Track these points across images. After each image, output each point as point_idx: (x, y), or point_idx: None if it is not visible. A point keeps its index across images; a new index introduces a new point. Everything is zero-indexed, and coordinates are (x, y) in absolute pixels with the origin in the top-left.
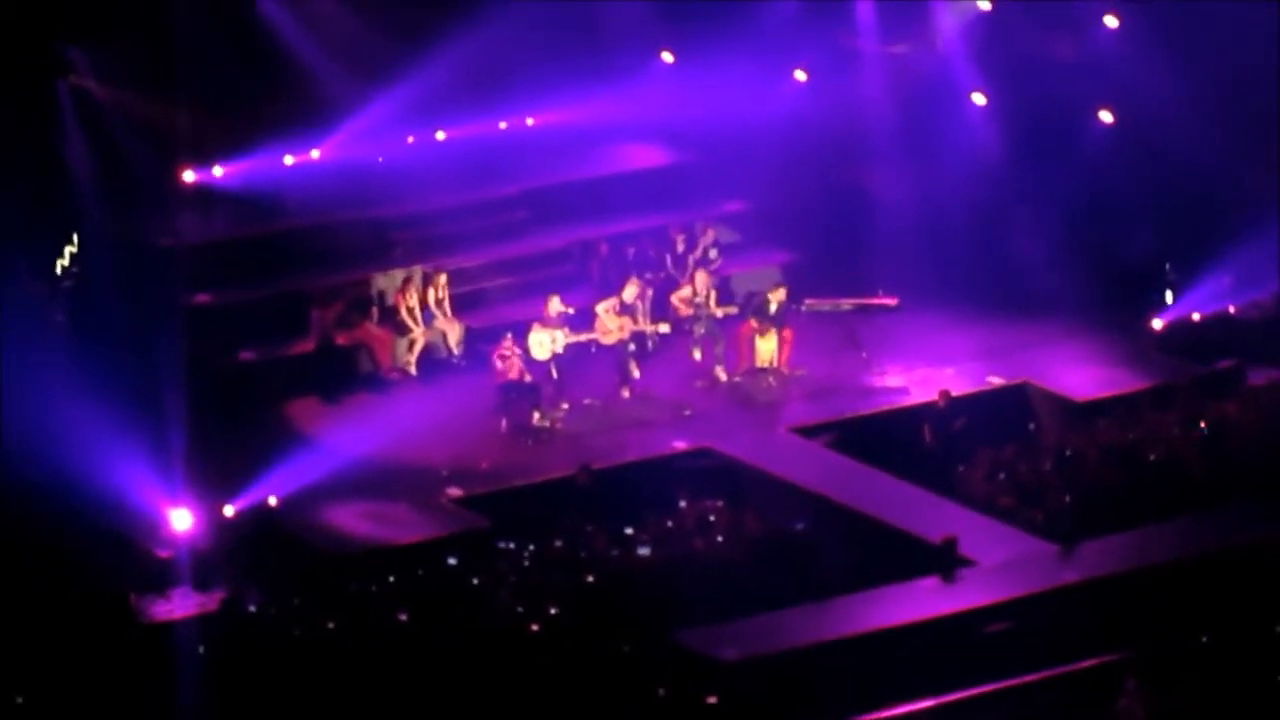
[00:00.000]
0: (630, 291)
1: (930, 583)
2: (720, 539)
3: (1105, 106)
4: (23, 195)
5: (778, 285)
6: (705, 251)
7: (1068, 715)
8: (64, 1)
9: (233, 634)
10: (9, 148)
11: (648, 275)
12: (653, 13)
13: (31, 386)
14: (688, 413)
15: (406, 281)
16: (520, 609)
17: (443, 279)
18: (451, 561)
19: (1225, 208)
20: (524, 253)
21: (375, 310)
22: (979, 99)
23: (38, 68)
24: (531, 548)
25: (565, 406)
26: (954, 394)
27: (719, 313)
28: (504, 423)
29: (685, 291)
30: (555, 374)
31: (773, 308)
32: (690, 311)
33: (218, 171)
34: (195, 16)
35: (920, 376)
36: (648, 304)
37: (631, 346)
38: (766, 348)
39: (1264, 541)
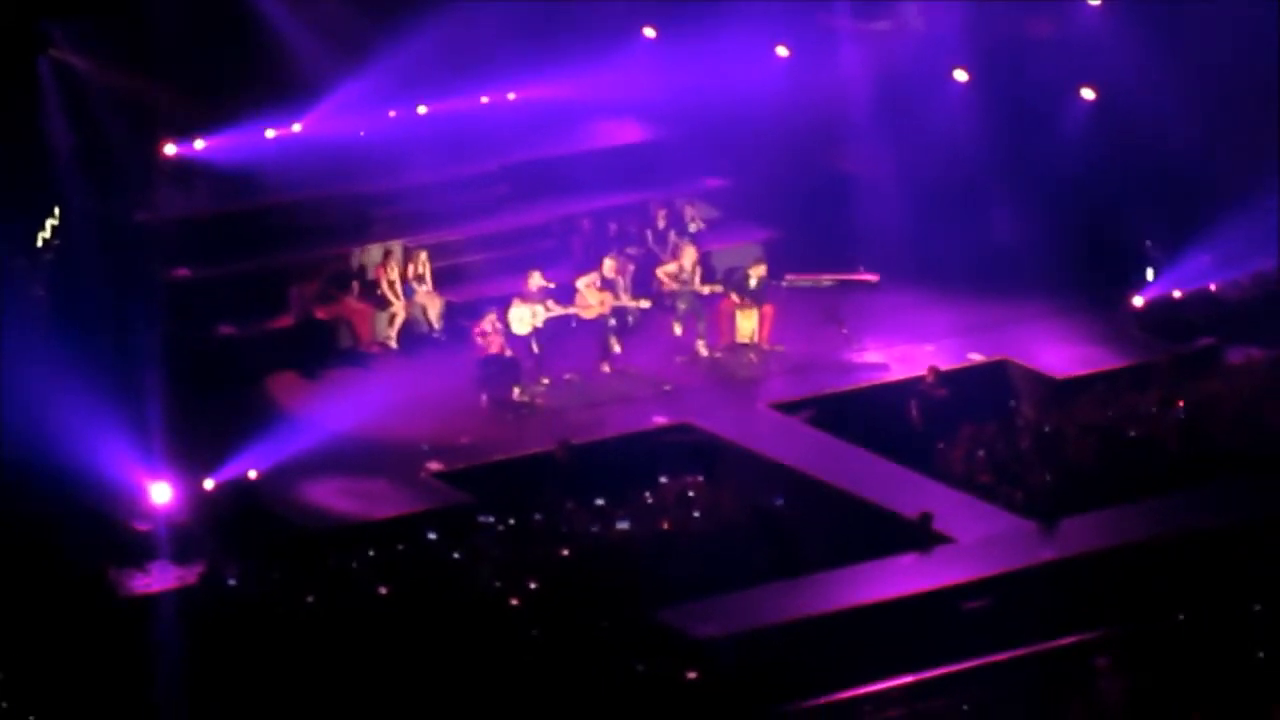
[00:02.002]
0: (609, 266)
1: (909, 559)
2: (699, 515)
3: (1086, 84)
4: (2, 169)
5: (758, 261)
6: (685, 226)
7: (1045, 692)
8: None
9: (212, 607)
10: None
11: (629, 250)
12: None
13: (10, 361)
14: (668, 388)
15: (387, 255)
16: (499, 584)
17: (423, 254)
18: (431, 536)
19: (1206, 186)
20: (505, 228)
21: (356, 285)
22: (960, 76)
23: (18, 41)
24: (511, 522)
25: (546, 381)
26: (942, 369)
27: (704, 290)
28: (484, 397)
29: (671, 267)
30: (536, 349)
31: (753, 284)
32: (675, 286)
33: (199, 145)
34: None
35: (900, 353)
36: (628, 279)
37: (612, 321)
38: (747, 324)
39: (1242, 520)
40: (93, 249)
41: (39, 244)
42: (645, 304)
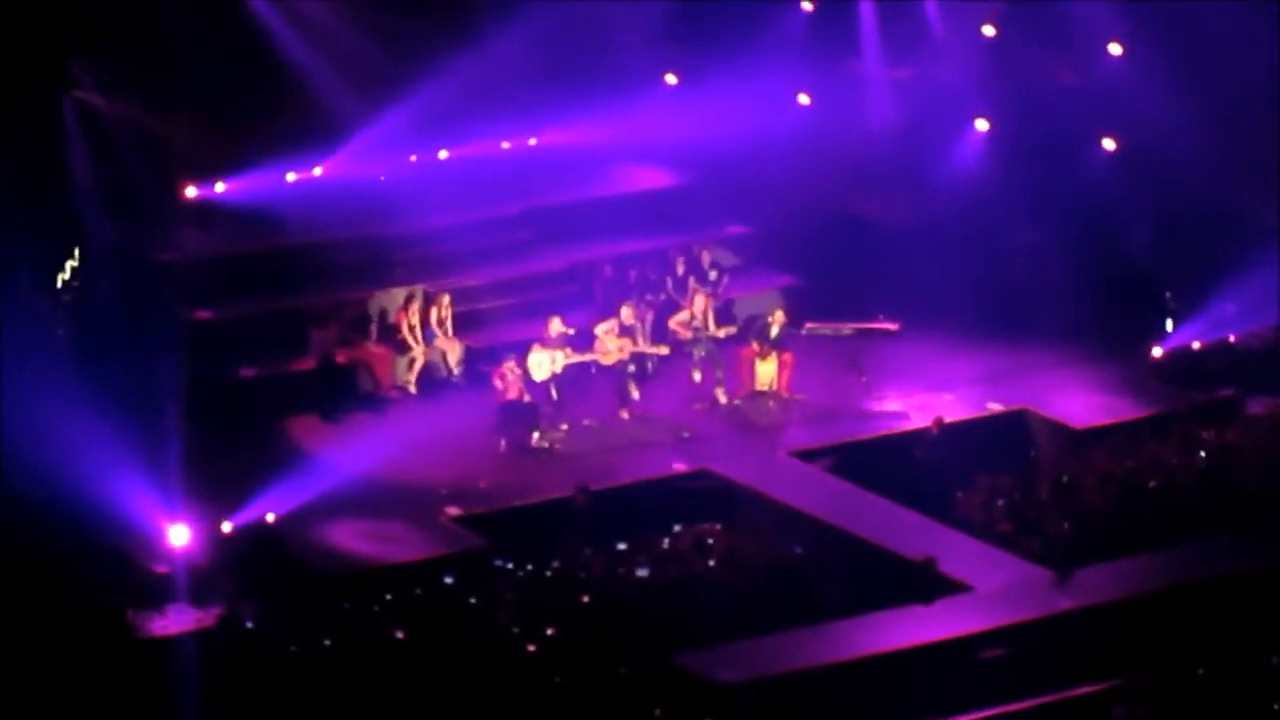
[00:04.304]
0: (627, 313)
1: (926, 607)
2: (717, 562)
3: (1108, 133)
4: (25, 208)
5: (778, 309)
6: (705, 274)
7: None
8: (69, 15)
9: (229, 650)
10: (12, 160)
11: (648, 297)
12: (658, 34)
13: (31, 400)
14: (687, 435)
15: (409, 299)
16: (517, 629)
17: (446, 298)
18: (449, 580)
19: (1227, 236)
20: (525, 273)
21: (375, 328)
22: (982, 125)
23: (42, 81)
24: (529, 567)
25: (564, 427)
26: (947, 421)
27: (720, 334)
28: (503, 442)
29: (683, 315)
30: (555, 394)
31: (773, 331)
32: (689, 335)
33: (220, 187)
34: (200, 31)
35: (920, 402)
36: (647, 326)
37: (631, 368)
38: (766, 371)
39: (1260, 570)
40: (113, 289)
41: (60, 284)
42: (664, 350)
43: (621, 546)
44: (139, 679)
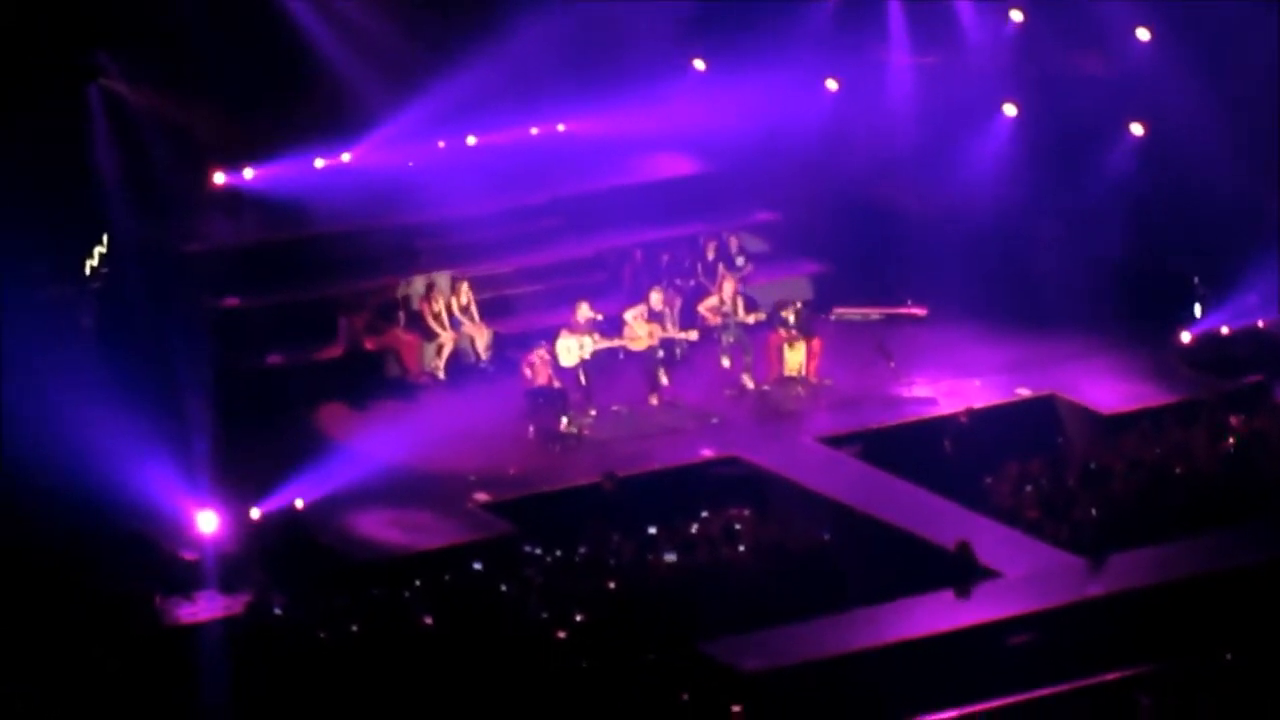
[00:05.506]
0: (656, 298)
1: (954, 594)
2: (745, 548)
3: (1135, 120)
4: (51, 198)
5: (800, 293)
6: (734, 259)
7: None
8: (95, 5)
9: (258, 637)
10: (39, 150)
11: (678, 283)
12: (685, 21)
13: (58, 389)
14: (715, 421)
15: (431, 287)
16: (545, 615)
17: (465, 285)
18: (477, 567)
19: (1254, 223)
20: (553, 259)
21: (403, 315)
22: (1009, 111)
23: (68, 70)
24: (558, 553)
25: (593, 413)
26: (977, 407)
27: (750, 319)
28: (531, 429)
29: (712, 300)
30: (583, 380)
31: (792, 317)
32: (718, 320)
33: (248, 174)
34: (227, 19)
35: (948, 387)
36: (676, 311)
37: (660, 354)
38: (795, 357)
39: None
40: (141, 278)
41: (87, 273)
42: (693, 336)
43: (650, 532)
44: (167, 666)
